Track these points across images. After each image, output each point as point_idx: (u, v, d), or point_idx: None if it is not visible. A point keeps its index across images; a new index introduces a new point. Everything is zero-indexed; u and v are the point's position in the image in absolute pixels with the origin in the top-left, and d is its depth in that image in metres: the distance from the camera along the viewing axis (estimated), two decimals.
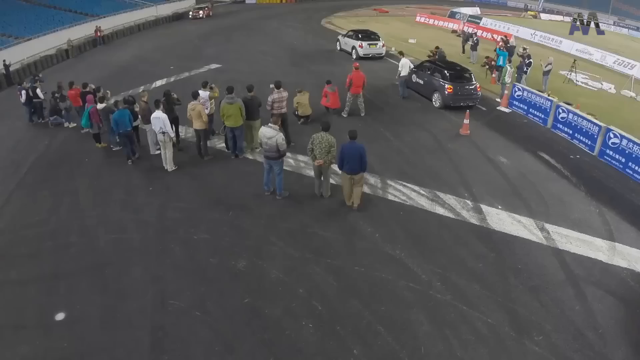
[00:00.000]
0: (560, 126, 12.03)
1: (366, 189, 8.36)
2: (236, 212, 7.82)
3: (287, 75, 16.83)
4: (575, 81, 17.57)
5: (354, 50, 19.73)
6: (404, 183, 8.82)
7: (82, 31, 26.82)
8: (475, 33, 22.25)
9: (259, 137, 7.77)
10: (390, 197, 8.33)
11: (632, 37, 35.23)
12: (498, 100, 14.37)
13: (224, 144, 10.27)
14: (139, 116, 9.98)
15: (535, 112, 12.88)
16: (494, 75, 16.63)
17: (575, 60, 18.11)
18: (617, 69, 21.46)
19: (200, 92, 9.94)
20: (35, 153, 10.90)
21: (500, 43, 17.68)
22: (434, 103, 13.56)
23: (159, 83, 16.50)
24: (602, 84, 18.15)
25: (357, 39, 19.69)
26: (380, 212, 7.90)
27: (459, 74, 13.27)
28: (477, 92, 13.26)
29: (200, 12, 35.30)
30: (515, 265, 6.78)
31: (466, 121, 11.42)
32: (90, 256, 6.93)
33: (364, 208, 7.97)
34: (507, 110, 13.63)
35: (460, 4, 43.72)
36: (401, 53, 14.47)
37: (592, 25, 19.74)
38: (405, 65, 13.73)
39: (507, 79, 14.20)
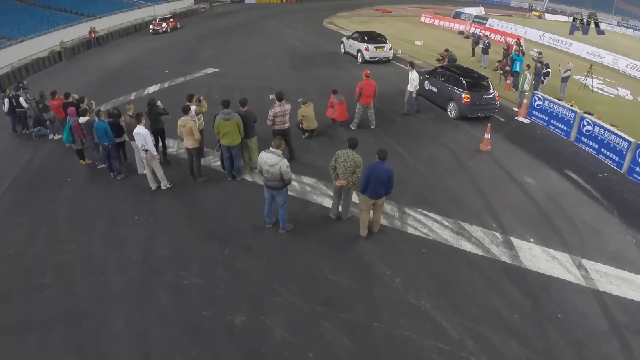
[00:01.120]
0: (585, 140, 11.09)
1: (383, 220, 7.37)
2: (233, 250, 6.80)
3: (288, 80, 15.93)
4: (590, 87, 16.64)
5: (359, 54, 18.65)
6: (424, 212, 7.82)
7: (76, 32, 26.02)
8: (487, 35, 21.26)
9: (259, 164, 6.75)
10: (410, 230, 7.33)
11: (638, 38, 34.35)
12: (515, 109, 13.42)
13: (219, 162, 9.27)
14: (125, 131, 9.01)
15: (557, 123, 11.92)
16: (508, 81, 15.69)
17: (592, 65, 17.17)
18: (630, 73, 20.63)
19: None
20: (16, 168, 10.07)
21: (515, 47, 16.70)
22: (449, 113, 12.54)
23: (152, 89, 15.52)
24: (618, 89, 17.29)
25: (363, 41, 18.60)
26: (400, 249, 6.90)
27: (476, 82, 12.23)
28: (496, 101, 12.27)
29: (164, 24, 28.41)
30: (555, 314, 5.88)
31: (487, 136, 10.43)
32: (66, 302, 5.98)
33: (381, 244, 6.99)
34: (526, 120, 12.66)
35: (464, 4, 42.72)
36: (412, 65, 12.44)
37: (592, 25, 19.15)
38: (415, 80, 12.03)
39: (526, 87, 13.24)
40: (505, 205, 8.22)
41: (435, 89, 13.15)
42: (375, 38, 18.83)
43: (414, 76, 12.00)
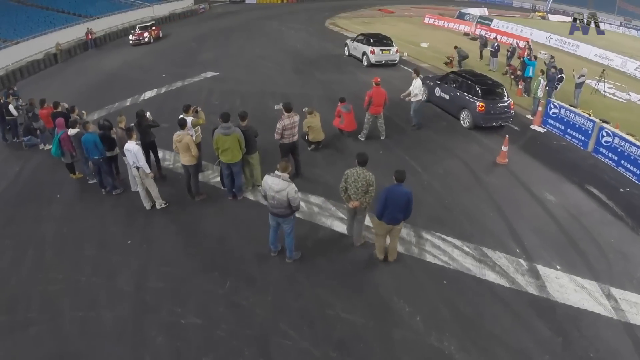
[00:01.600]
0: (604, 151, 10.53)
1: (399, 247, 6.74)
2: (235, 283, 6.16)
3: (291, 85, 15.33)
4: (602, 92, 16.09)
5: (364, 57, 18.01)
6: (442, 236, 7.20)
7: (73, 33, 25.38)
8: (496, 38, 20.65)
9: (263, 189, 6.09)
10: (429, 258, 6.72)
11: None
12: (529, 117, 12.84)
13: (219, 178, 8.61)
14: (117, 145, 8.42)
15: (574, 133, 11.34)
16: (520, 86, 15.11)
17: (604, 70, 16.62)
18: (639, 77, 20.09)
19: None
20: (4, 181, 9.55)
21: (527, 51, 16.11)
22: (462, 122, 11.91)
23: (148, 94, 14.90)
24: (629, 94, 16.76)
25: (369, 43, 17.93)
26: (419, 280, 6.29)
27: (490, 89, 11.57)
28: (510, 110, 11.63)
29: (145, 33, 25.04)
30: (587, 354, 5.35)
31: (504, 148, 9.80)
32: (52, 342, 5.40)
33: (399, 276, 6.39)
34: (541, 129, 12.07)
35: (466, 4, 42.15)
36: (417, 72, 11.27)
37: (593, 25, 18.93)
38: (416, 89, 11.01)
39: (540, 93, 12.66)
40: (528, 226, 7.64)
41: (447, 96, 12.52)
42: (381, 40, 18.15)
43: (416, 84, 10.99)
